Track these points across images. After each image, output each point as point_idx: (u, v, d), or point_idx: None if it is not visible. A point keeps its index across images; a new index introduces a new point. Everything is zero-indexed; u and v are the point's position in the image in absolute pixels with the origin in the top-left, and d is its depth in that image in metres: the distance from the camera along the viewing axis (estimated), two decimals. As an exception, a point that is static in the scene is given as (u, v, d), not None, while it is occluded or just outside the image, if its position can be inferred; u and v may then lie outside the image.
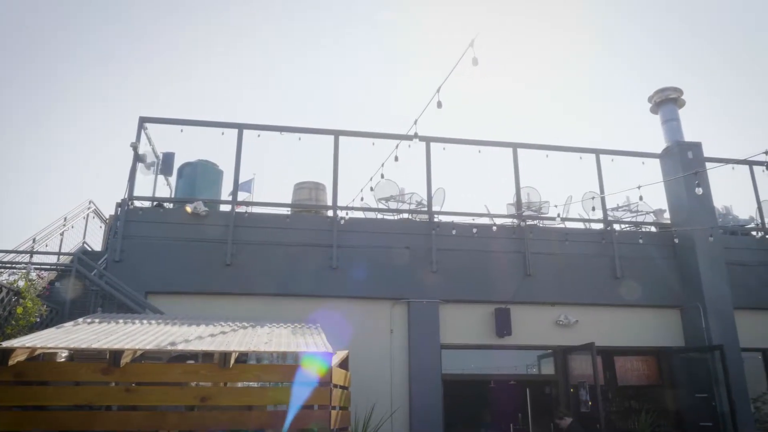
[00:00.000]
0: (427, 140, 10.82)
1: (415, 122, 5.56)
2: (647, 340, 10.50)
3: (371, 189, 7.81)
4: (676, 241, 10.52)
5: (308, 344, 5.90)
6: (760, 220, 11.77)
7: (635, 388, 11.07)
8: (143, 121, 10.32)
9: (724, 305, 10.09)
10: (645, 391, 10.90)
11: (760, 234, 11.69)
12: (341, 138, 10.60)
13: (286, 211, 10.45)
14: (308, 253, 9.70)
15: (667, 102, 11.57)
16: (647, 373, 10.67)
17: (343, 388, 6.42)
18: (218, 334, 6.26)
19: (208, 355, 6.05)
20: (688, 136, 11.38)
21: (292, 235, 9.79)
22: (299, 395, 5.65)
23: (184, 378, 5.47)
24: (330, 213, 10.25)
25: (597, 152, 11.33)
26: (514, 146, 11.12)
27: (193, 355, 6.39)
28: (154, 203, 10.17)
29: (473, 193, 11.70)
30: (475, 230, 10.04)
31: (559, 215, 10.82)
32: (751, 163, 11.78)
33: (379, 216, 10.87)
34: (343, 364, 6.86)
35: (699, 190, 7.70)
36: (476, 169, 11.47)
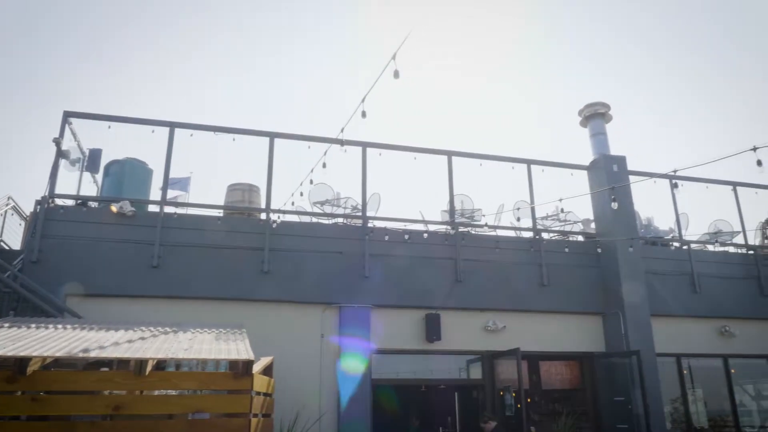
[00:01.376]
0: (363, 145, 10.87)
1: (342, 130, 5.58)
2: (571, 346, 10.88)
3: (301, 194, 7.83)
4: (599, 250, 10.96)
5: (230, 351, 5.81)
6: (677, 232, 12.39)
7: (559, 392, 11.47)
8: (68, 115, 9.91)
9: (641, 312, 10.58)
10: (568, 395, 11.31)
11: (677, 245, 12.31)
12: (277, 140, 10.51)
13: (218, 212, 10.26)
14: (239, 256, 9.55)
15: (596, 116, 12.04)
16: (570, 377, 11.06)
17: (266, 395, 6.36)
18: (137, 339, 6.09)
19: (124, 362, 5.87)
20: (620, 150, 11.86)
21: (223, 237, 9.62)
22: (218, 403, 5.57)
23: (97, 386, 5.30)
24: (263, 216, 10.13)
25: (528, 162, 11.67)
26: (449, 154, 11.31)
27: (110, 362, 6.19)
28: (78, 202, 9.77)
29: (408, 199, 11.78)
30: (407, 236, 10.14)
31: (486, 224, 11.12)
32: (670, 178, 12.37)
33: (314, 220, 10.83)
34: (267, 371, 6.80)
35: (614, 205, 8.07)
36: (412, 175, 11.59)
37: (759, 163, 5.20)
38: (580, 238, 12.06)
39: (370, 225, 10.50)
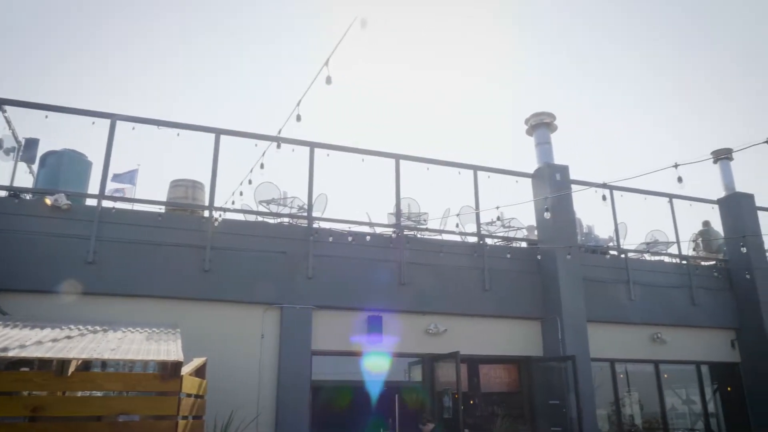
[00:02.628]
0: (311, 146, 10.83)
1: (279, 132, 5.54)
2: (510, 350, 11.10)
3: (241, 194, 7.71)
4: (539, 257, 11.22)
5: (159, 351, 5.70)
6: (616, 241, 12.80)
7: (498, 395, 11.68)
8: (1, 103, 9.52)
9: (578, 318, 10.88)
10: (506, 397, 11.53)
11: (615, 253, 12.71)
12: (224, 138, 10.36)
13: (159, 209, 10.03)
14: (179, 254, 9.37)
15: (541, 126, 12.32)
16: (509, 381, 11.29)
17: (197, 396, 6.26)
18: (62, 338, 5.90)
19: (47, 363, 5.68)
20: (564, 160, 12.15)
21: (163, 234, 9.41)
22: (144, 405, 5.46)
23: (14, 387, 5.10)
24: (207, 213, 9.95)
25: (475, 168, 11.84)
26: (397, 157, 11.38)
27: (32, 363, 5.99)
28: (11, 193, 9.40)
29: (356, 201, 11.83)
30: (350, 238, 10.15)
31: (427, 228, 11.23)
32: (611, 188, 12.78)
33: (259, 219, 10.71)
34: (200, 372, 6.69)
35: (547, 215, 8.28)
36: (360, 177, 11.63)
37: (680, 179, 5.45)
38: (524, 244, 12.31)
39: (315, 225, 10.47)
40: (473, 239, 11.60)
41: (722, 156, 13.68)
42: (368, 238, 10.34)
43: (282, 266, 9.85)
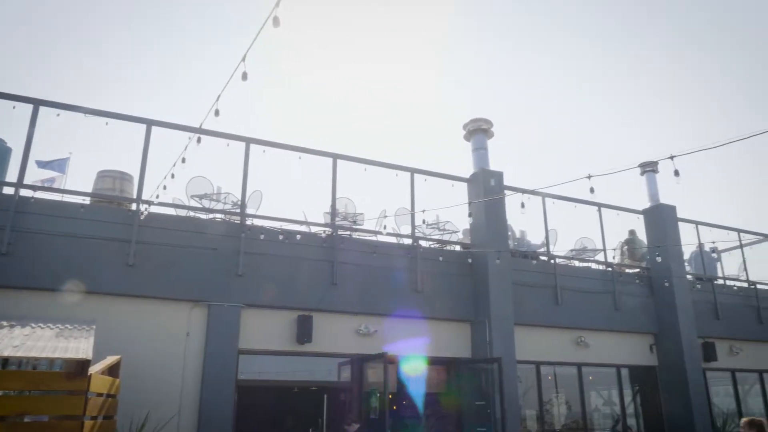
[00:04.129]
0: (247, 141, 10.66)
1: (200, 125, 5.42)
2: (440, 351, 11.24)
3: (164, 188, 7.48)
4: (470, 261, 11.42)
5: (67, 349, 5.48)
6: (546, 247, 13.17)
7: (427, 396, 11.80)
8: None
9: (506, 321, 11.13)
10: (435, 398, 11.67)
11: (545, 259, 13.08)
12: (155, 128, 10.06)
13: (83, 200, 9.63)
14: (102, 248, 9.03)
15: (479, 132, 12.55)
16: (437, 382, 11.43)
17: (108, 396, 6.06)
18: (-38, 334, 5.59)
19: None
20: (500, 166, 12.40)
21: (86, 226, 9.04)
22: (48, 405, 5.23)
23: None
24: (134, 206, 9.63)
25: (412, 171, 11.94)
26: (334, 157, 11.34)
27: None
28: None
29: (291, 200, 11.68)
30: (281, 236, 10.05)
31: (362, 229, 11.24)
32: (543, 195, 13.15)
33: (191, 214, 10.45)
34: (113, 370, 6.47)
35: (470, 220, 8.45)
36: (296, 175, 11.53)
37: (591, 190, 5.69)
38: (458, 248, 12.50)
39: (249, 222, 10.31)
40: (408, 241, 11.69)
41: (648, 168, 14.29)
42: (299, 237, 10.26)
43: (211, 263, 9.65)
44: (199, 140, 5.71)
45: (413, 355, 11.06)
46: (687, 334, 13.20)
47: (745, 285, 15.61)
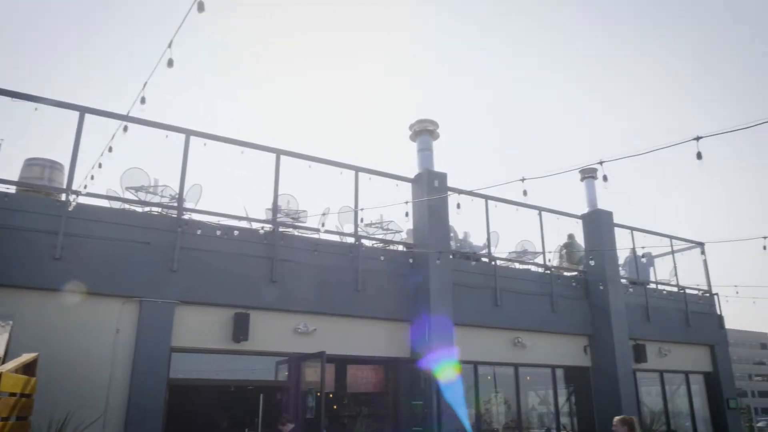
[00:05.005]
0: (187, 133, 10.37)
1: (128, 112, 5.21)
2: (379, 351, 11.23)
3: (92, 177, 7.17)
4: (411, 260, 11.46)
5: (-23, 345, 5.16)
6: (487, 249, 13.36)
7: (366, 395, 11.80)
8: None
9: (445, 321, 11.21)
10: (373, 398, 11.67)
11: (486, 260, 13.27)
12: (88, 116, 9.65)
13: (7, 188, 9.14)
14: (27, 239, 8.58)
15: (424, 133, 12.60)
16: (375, 381, 11.43)
17: (23, 395, 5.75)
18: None
19: None
20: (450, 167, 12.49)
21: (10, 216, 8.58)
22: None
23: None
24: (64, 197, 9.20)
25: (356, 169, 11.88)
26: (278, 152, 11.17)
27: None
28: None
29: (234, 194, 11.42)
30: (219, 232, 9.82)
31: (304, 226, 11.12)
32: (486, 198, 13.33)
33: (125, 206, 10.08)
34: (30, 368, 6.15)
35: (407, 220, 8.47)
36: (238, 170, 11.28)
37: (525, 192, 5.80)
38: (402, 248, 12.51)
39: (186, 217, 10.02)
40: (350, 240, 11.62)
41: (587, 175, 14.70)
42: (236, 232, 10.05)
43: (145, 257, 9.32)
44: (125, 129, 5.49)
45: (352, 355, 11.03)
46: (619, 335, 13.64)
47: (675, 289, 16.27)
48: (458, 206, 7.61)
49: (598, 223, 14.56)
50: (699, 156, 4.35)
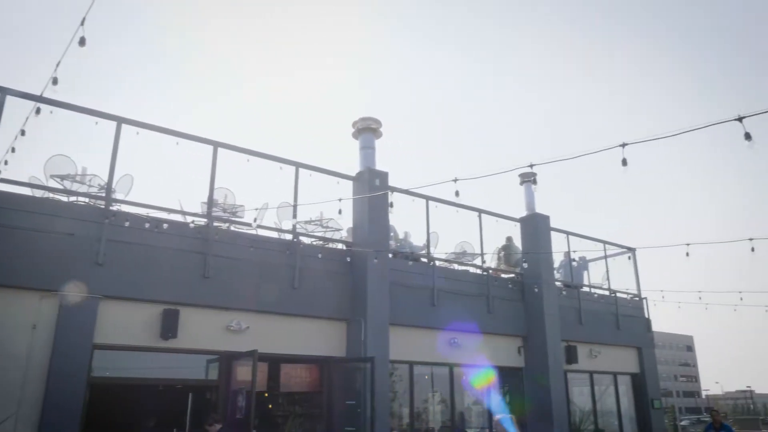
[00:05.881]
0: (119, 121, 9.93)
1: (41, 94, 4.89)
2: (314, 350, 11.08)
3: (6, 162, 6.74)
4: (348, 259, 11.37)
5: None
6: (427, 249, 13.41)
7: (300, 395, 11.63)
8: None
9: (382, 321, 11.17)
10: (308, 397, 11.53)
11: (425, 260, 13.32)
12: (11, 98, 9.07)
13: None
14: (-65, 227, 8.02)
15: (367, 131, 12.53)
16: (309, 381, 11.28)
17: None
18: None
19: None
20: (395, 168, 12.46)
21: None
22: None
23: None
24: (-20, 183, 8.64)
25: (296, 165, 11.69)
26: (215, 145, 10.85)
27: None
28: None
29: (168, 187, 11.01)
30: (147, 224, 9.45)
31: (240, 221, 10.87)
32: (427, 198, 13.39)
33: (49, 195, 9.55)
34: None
35: (339, 219, 8.39)
36: (174, 161, 10.91)
37: (456, 193, 5.82)
38: (342, 246, 12.38)
39: (115, 208, 9.60)
40: (289, 236, 11.42)
41: (526, 179, 14.99)
42: (165, 225, 9.70)
43: (68, 249, 8.85)
44: (38, 111, 5.16)
45: (287, 353, 10.84)
46: (552, 337, 13.96)
47: (607, 293, 16.81)
48: (391, 205, 7.59)
49: (536, 227, 14.87)
50: (624, 162, 4.46)
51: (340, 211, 8.65)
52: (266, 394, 11.77)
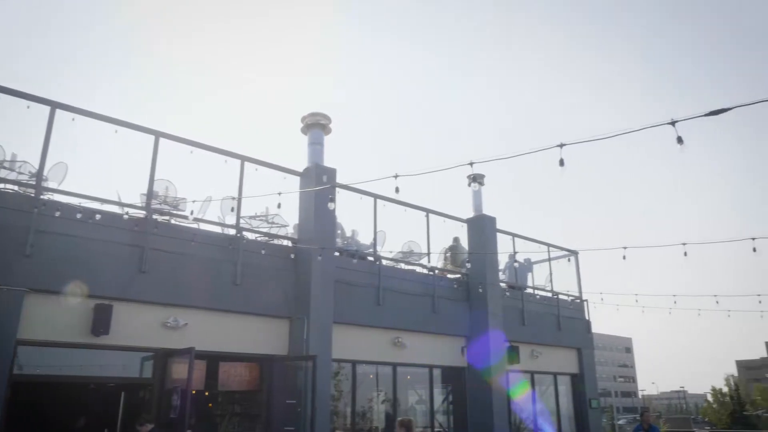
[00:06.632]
0: (53, 105, 9.47)
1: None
2: (255, 348, 10.84)
3: None
4: (293, 256, 11.19)
5: None
6: (373, 248, 13.35)
7: (239, 393, 11.37)
8: None
9: (325, 319, 11.04)
10: (247, 396, 11.28)
11: (372, 259, 13.25)
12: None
13: None
14: None
15: (316, 126, 12.37)
16: (249, 379, 11.03)
17: None
18: None
19: None
20: (348, 166, 12.35)
21: None
22: None
23: None
24: None
25: (242, 159, 11.42)
26: (157, 134, 10.48)
27: None
28: None
29: (105, 177, 10.56)
30: (79, 215, 9.04)
31: (192, 212, 10.56)
32: (375, 197, 13.33)
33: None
34: None
35: (291, 217, 8.21)
36: (112, 150, 10.49)
37: (397, 189, 5.78)
38: (288, 242, 12.16)
39: (46, 197, 9.13)
40: (232, 231, 11.14)
41: (474, 180, 15.13)
42: (98, 216, 9.30)
43: (-8, 240, 8.38)
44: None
45: (227, 351, 10.57)
46: (495, 337, 14.12)
47: (549, 295, 17.15)
48: (331, 199, 7.44)
49: (482, 228, 15.02)
50: (561, 163, 4.51)
51: (279, 205, 8.46)
52: (207, 393, 11.47)
